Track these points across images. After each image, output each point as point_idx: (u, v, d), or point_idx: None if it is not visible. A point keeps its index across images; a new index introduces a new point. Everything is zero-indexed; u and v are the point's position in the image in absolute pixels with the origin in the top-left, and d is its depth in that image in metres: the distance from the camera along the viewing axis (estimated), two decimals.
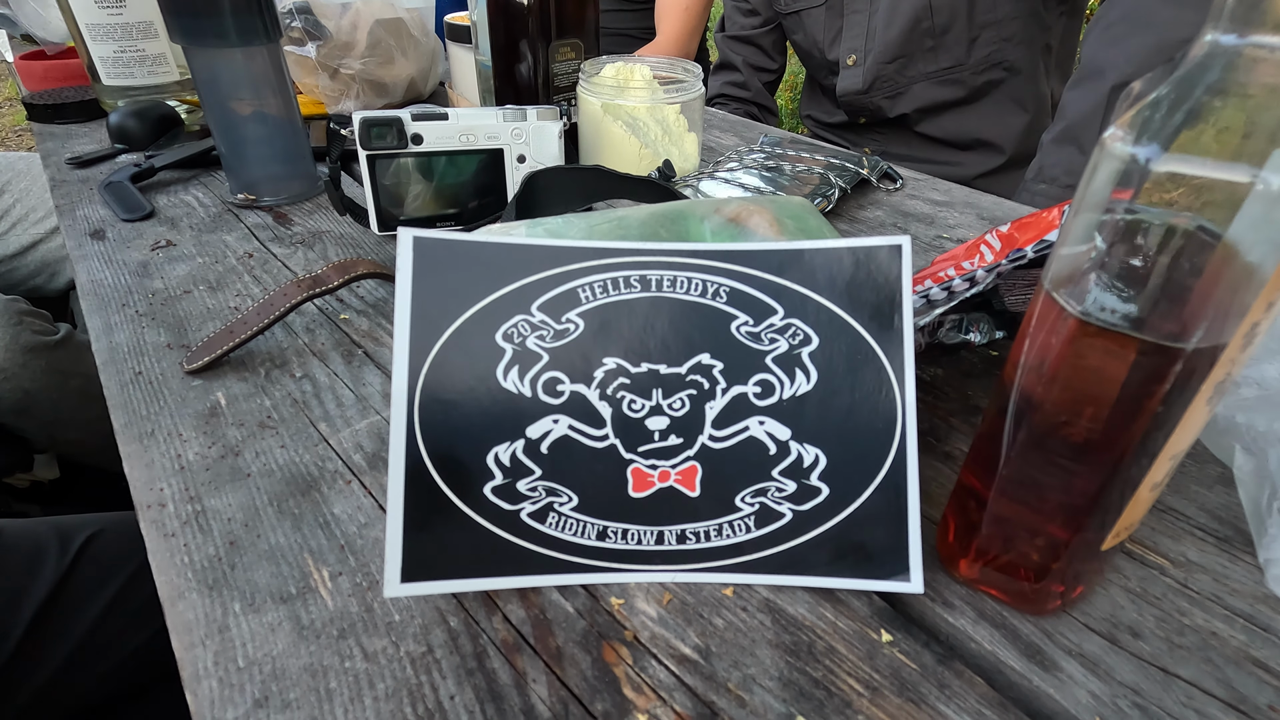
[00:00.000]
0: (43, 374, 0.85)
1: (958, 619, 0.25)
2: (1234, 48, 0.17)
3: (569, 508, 0.26)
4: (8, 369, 0.81)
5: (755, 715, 0.22)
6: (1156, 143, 0.17)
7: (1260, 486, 0.28)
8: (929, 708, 0.22)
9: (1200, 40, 0.18)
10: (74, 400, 0.91)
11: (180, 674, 0.23)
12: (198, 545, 0.27)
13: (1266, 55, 0.17)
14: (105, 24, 0.64)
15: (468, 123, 0.48)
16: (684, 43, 1.36)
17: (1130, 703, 0.23)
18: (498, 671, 0.23)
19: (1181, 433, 0.20)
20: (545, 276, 0.27)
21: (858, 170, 0.59)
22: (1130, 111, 0.19)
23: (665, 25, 1.35)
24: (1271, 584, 0.27)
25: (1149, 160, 0.17)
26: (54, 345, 0.86)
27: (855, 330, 0.26)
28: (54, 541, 0.62)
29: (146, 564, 0.67)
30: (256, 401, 0.35)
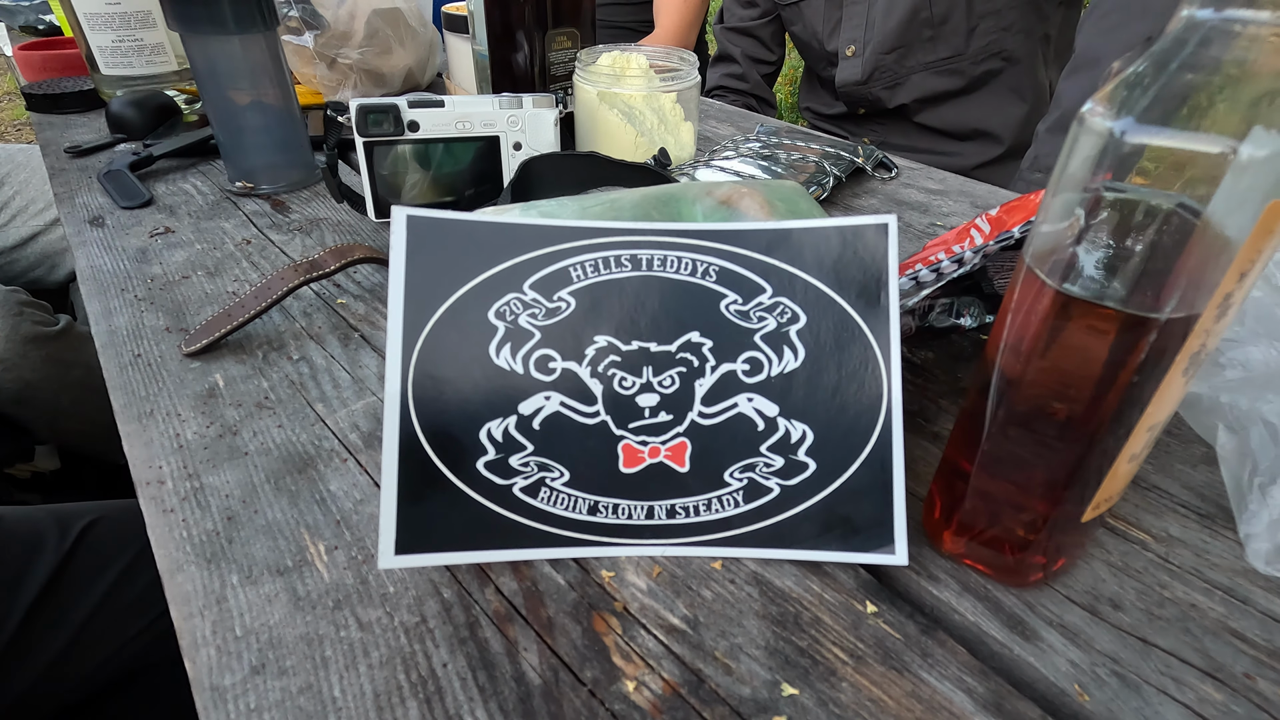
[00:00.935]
0: (43, 364, 0.85)
1: (942, 591, 0.26)
2: (1210, 22, 0.17)
3: (560, 483, 0.26)
4: (8, 359, 0.81)
5: (741, 683, 0.23)
6: (1132, 116, 0.18)
7: (1242, 464, 0.29)
8: (912, 675, 0.23)
9: (1177, 15, 0.18)
10: (75, 391, 0.91)
11: (179, 643, 0.23)
12: (196, 520, 0.28)
13: (1240, 29, 0.17)
14: (103, 14, 0.64)
15: (464, 110, 0.48)
16: (682, 35, 1.36)
17: (1109, 671, 0.23)
18: (490, 641, 0.24)
19: (1158, 404, 0.21)
20: (537, 255, 0.27)
21: (853, 159, 0.59)
22: (1108, 86, 0.19)
23: (664, 18, 1.35)
24: (1251, 558, 0.27)
25: (1125, 134, 0.18)
26: (54, 336, 0.86)
27: (842, 308, 0.27)
28: (53, 529, 0.63)
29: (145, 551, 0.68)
30: (254, 383, 0.35)
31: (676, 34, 1.35)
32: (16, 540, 0.61)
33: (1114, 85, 0.19)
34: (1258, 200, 0.17)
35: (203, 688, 0.22)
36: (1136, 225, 0.18)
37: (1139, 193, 0.18)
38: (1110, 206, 0.19)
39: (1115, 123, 0.18)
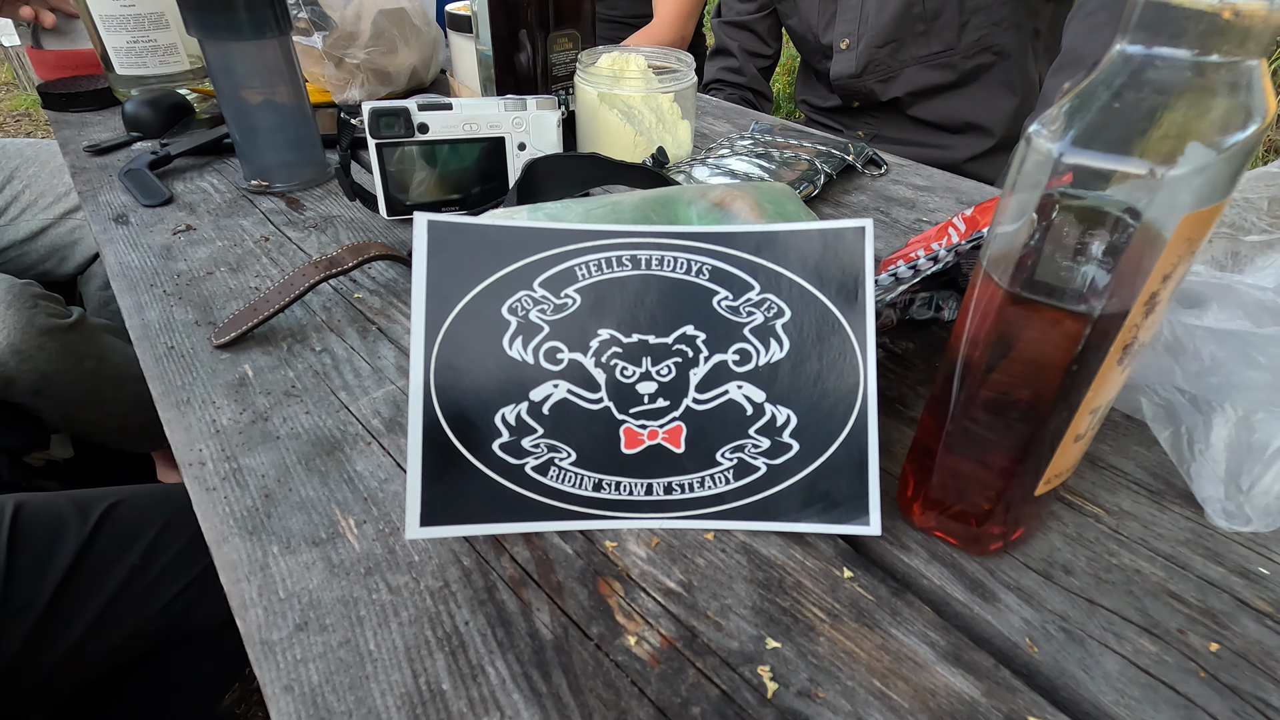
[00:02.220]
0: (58, 356, 0.88)
1: (912, 559, 0.29)
2: (1139, 56, 0.20)
3: (568, 462, 0.29)
4: (24, 350, 0.84)
5: (730, 637, 0.25)
6: (1069, 140, 0.20)
7: (1177, 434, 0.32)
8: (881, 631, 0.26)
9: (1112, 49, 0.21)
10: (88, 381, 0.94)
11: (230, 604, 0.26)
12: (236, 498, 0.30)
13: (1164, 64, 0.19)
14: (118, 15, 0.66)
15: (471, 112, 0.50)
16: (680, 26, 1.37)
17: (1057, 627, 0.26)
18: (506, 602, 0.26)
19: (1097, 390, 0.23)
20: (546, 256, 0.29)
21: (844, 156, 0.61)
22: (1054, 108, 0.22)
23: (662, 9, 1.36)
24: (1213, 518, 0.30)
25: (1062, 155, 0.20)
26: (68, 328, 0.89)
27: (823, 303, 0.29)
28: (74, 514, 0.66)
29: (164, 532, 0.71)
30: (281, 373, 0.38)
31: (674, 25, 1.36)
32: (40, 526, 0.64)
33: (1058, 108, 0.21)
34: (1177, 213, 0.20)
35: (254, 642, 0.25)
36: (1073, 233, 0.21)
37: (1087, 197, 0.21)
38: (1053, 214, 0.21)
39: (1055, 145, 0.20)
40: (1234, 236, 0.39)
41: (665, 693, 0.24)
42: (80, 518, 0.66)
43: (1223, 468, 0.31)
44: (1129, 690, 0.24)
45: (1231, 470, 0.30)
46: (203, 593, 0.70)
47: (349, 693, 0.23)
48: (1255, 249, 0.38)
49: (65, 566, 0.63)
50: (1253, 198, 0.41)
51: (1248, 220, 0.40)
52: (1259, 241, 0.39)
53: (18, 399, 0.89)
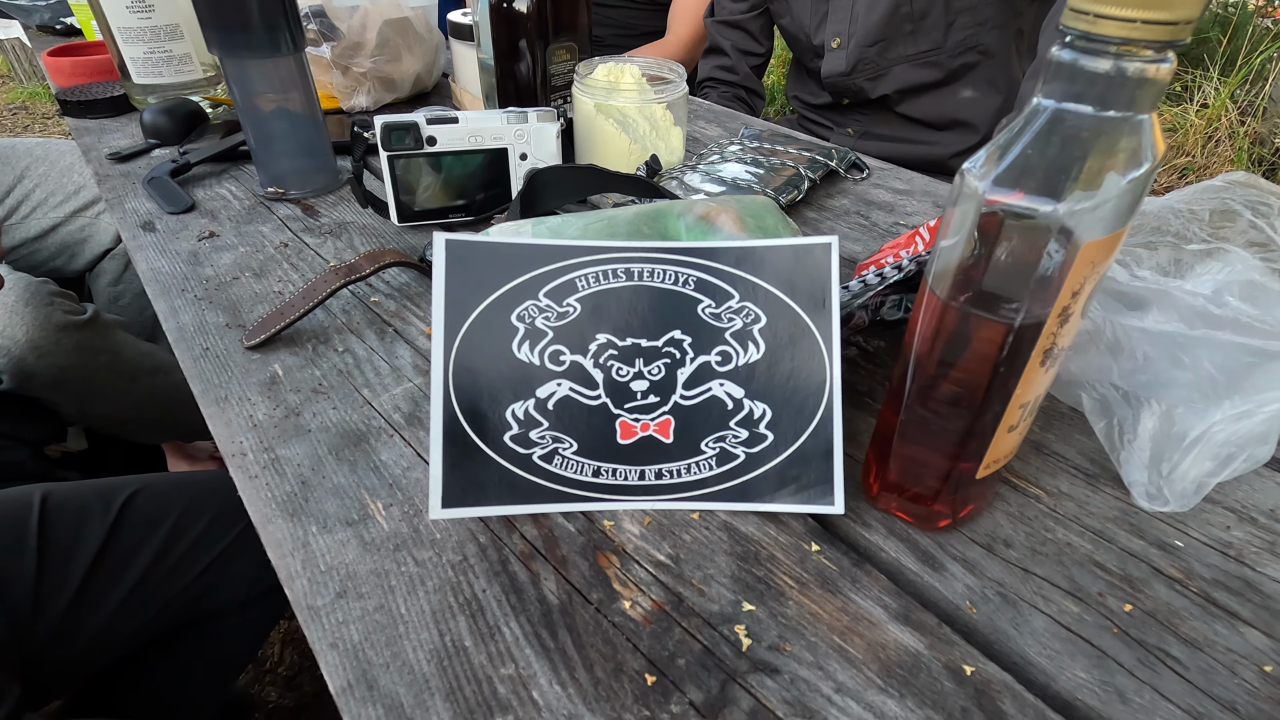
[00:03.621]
0: (74, 351, 0.91)
1: (872, 535, 0.33)
2: (1050, 109, 0.24)
3: (570, 452, 0.33)
4: (43, 346, 0.87)
5: (711, 602, 0.29)
6: (990, 179, 0.24)
7: (1110, 425, 0.36)
8: (842, 596, 0.30)
9: (1030, 102, 0.24)
10: (102, 375, 0.97)
11: (278, 575, 0.30)
12: (277, 484, 0.34)
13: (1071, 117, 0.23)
14: (136, 27, 0.69)
15: (476, 125, 0.54)
16: (691, 47, 1.40)
17: (995, 592, 0.30)
18: (518, 573, 0.30)
19: (1024, 388, 0.27)
20: (549, 269, 0.33)
21: (827, 162, 0.65)
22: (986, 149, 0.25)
23: (677, 27, 1.38)
24: (1137, 499, 0.34)
25: (984, 193, 0.24)
26: (83, 325, 0.92)
27: (794, 311, 0.33)
28: (97, 502, 0.70)
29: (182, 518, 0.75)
30: (308, 372, 0.42)
31: (686, 44, 1.39)
32: (66, 514, 0.68)
33: (988, 148, 0.25)
34: (1080, 242, 0.24)
35: (301, 607, 0.29)
36: (997, 255, 0.25)
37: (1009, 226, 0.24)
38: (981, 239, 0.25)
39: (981, 184, 0.24)
40: (1177, 245, 0.43)
41: (655, 648, 0.28)
42: (104, 506, 0.70)
43: (1147, 455, 0.35)
44: (1051, 644, 0.28)
45: (1155, 457, 0.34)
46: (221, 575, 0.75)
47: (385, 649, 0.28)
48: (1196, 257, 0.42)
49: (93, 552, 0.67)
50: (1196, 209, 0.45)
51: (1190, 230, 0.43)
52: (1199, 250, 0.42)
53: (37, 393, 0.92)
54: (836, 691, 0.26)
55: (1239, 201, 0.45)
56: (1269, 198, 0.45)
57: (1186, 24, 0.21)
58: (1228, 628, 0.29)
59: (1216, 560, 0.32)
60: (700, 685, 0.27)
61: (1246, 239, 0.43)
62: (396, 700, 0.26)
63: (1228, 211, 0.44)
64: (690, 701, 0.26)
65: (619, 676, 0.27)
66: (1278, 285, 0.40)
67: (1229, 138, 2.13)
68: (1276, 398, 0.34)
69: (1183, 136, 2.24)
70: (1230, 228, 0.43)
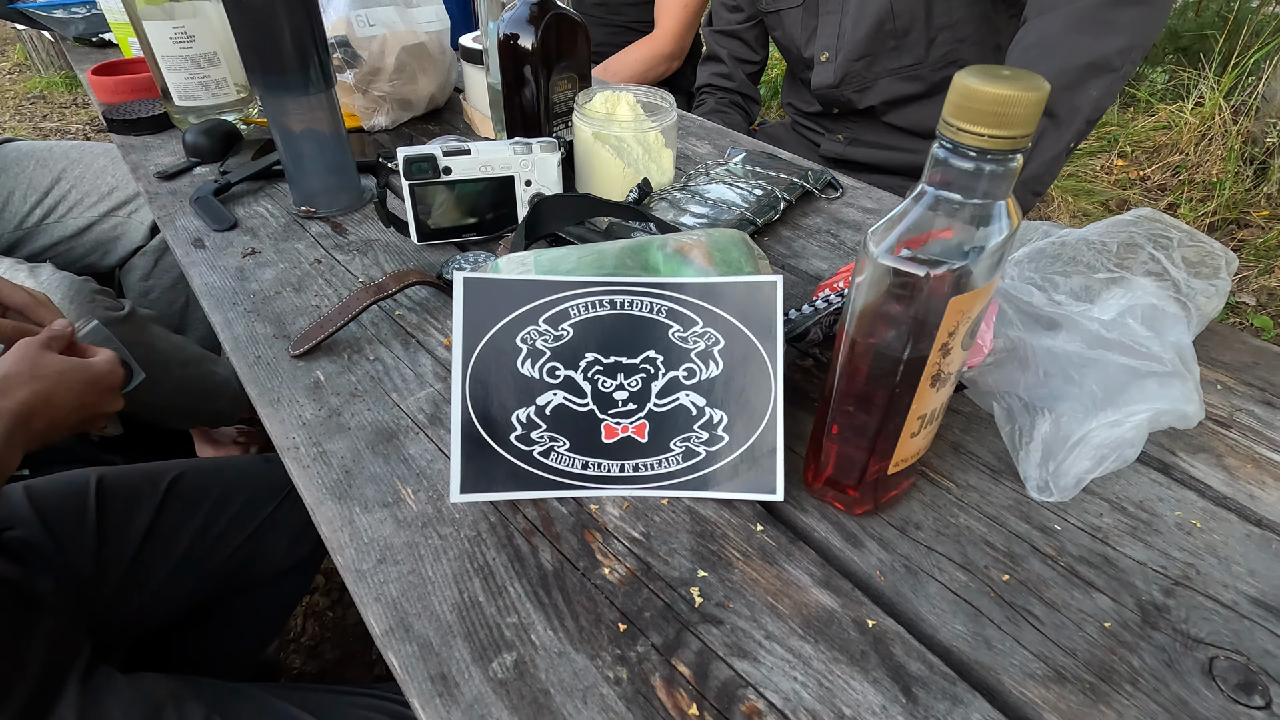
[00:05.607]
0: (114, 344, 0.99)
1: (807, 518, 0.40)
2: (929, 191, 0.31)
3: (564, 449, 0.41)
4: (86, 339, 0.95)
5: (673, 569, 0.37)
6: (884, 246, 0.31)
7: (1013, 428, 0.43)
8: (778, 566, 0.37)
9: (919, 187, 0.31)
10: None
11: (329, 546, 0.38)
12: (324, 473, 0.42)
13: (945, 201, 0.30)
14: (178, 55, 0.77)
15: (486, 156, 0.61)
16: (681, 36, 1.46)
17: (901, 564, 0.38)
18: (520, 545, 0.38)
19: (918, 404, 0.35)
20: (547, 300, 0.41)
21: (804, 184, 0.72)
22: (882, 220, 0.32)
23: (665, 19, 1.44)
24: (1030, 491, 0.42)
25: (879, 257, 0.31)
26: (122, 320, 1.00)
27: (747, 335, 0.40)
28: (146, 484, 0.78)
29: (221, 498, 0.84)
30: (345, 378, 0.49)
31: (675, 35, 1.45)
32: (119, 494, 0.77)
33: (887, 218, 0.32)
34: (948, 297, 0.31)
35: (349, 571, 0.37)
36: (889, 303, 0.32)
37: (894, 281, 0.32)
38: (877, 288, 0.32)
39: (876, 248, 0.31)
40: (1088, 274, 0.50)
41: (627, 604, 0.36)
42: (152, 487, 0.79)
43: (1039, 455, 0.42)
44: (940, 605, 0.36)
45: (1044, 457, 0.42)
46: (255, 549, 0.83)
47: (417, 602, 0.35)
48: (1103, 284, 0.49)
49: (144, 527, 0.76)
50: (1107, 242, 0.52)
51: (1099, 261, 0.50)
52: (1106, 279, 0.49)
53: None
54: (766, 638, 0.34)
55: (1143, 235, 0.52)
56: (1171, 231, 0.52)
57: (1024, 137, 0.28)
58: (1083, 594, 0.36)
59: (1085, 541, 0.39)
60: (660, 632, 0.34)
61: (1145, 269, 0.50)
62: (427, 640, 0.34)
63: (1133, 244, 0.51)
64: (652, 644, 0.34)
65: (598, 625, 0.35)
66: (1174, 309, 0.47)
67: (1221, 137, 2.17)
68: (1143, 409, 0.41)
69: (1177, 134, 2.28)
70: (1133, 259, 0.50)
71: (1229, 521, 0.40)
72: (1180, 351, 0.44)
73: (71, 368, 0.58)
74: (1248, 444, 0.45)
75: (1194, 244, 0.51)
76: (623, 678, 0.33)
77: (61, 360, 0.58)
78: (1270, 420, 0.47)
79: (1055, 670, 0.33)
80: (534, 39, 0.68)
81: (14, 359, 0.56)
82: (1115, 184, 2.23)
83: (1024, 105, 0.28)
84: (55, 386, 0.56)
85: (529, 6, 0.67)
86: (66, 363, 0.58)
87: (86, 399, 0.58)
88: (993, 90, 0.28)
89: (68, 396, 0.56)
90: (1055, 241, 0.52)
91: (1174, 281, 0.48)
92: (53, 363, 0.57)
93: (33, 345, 0.58)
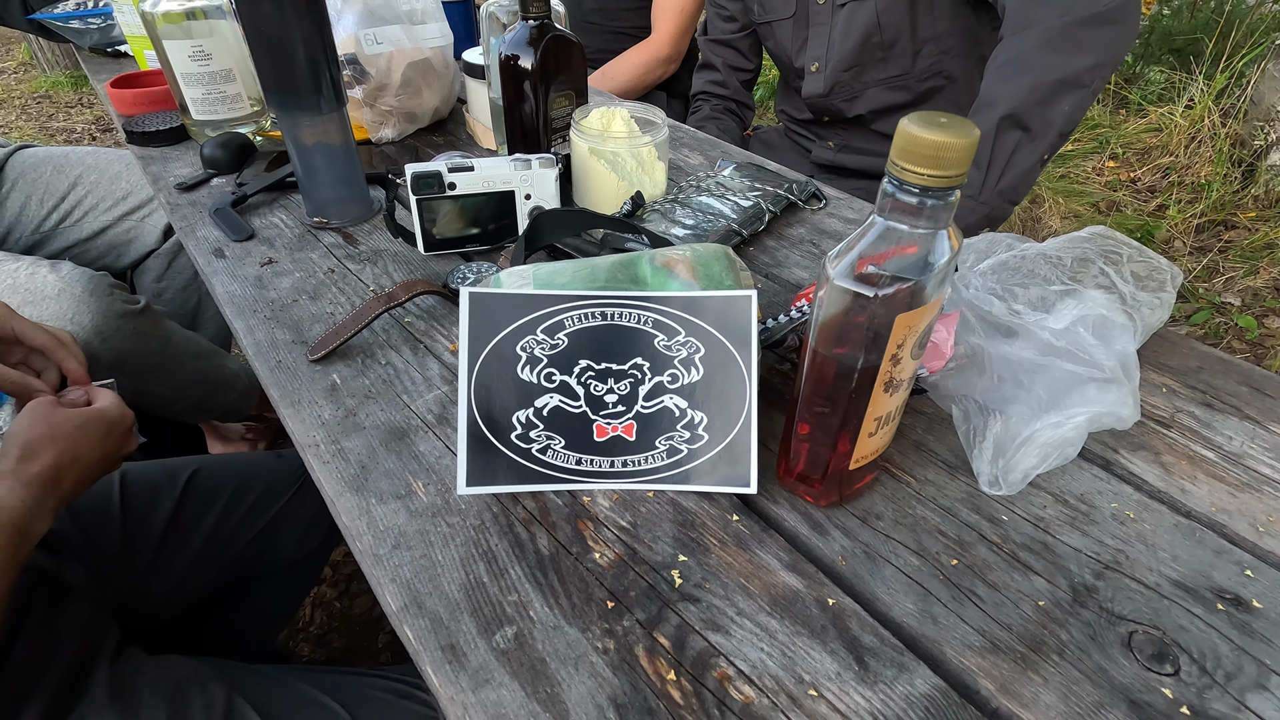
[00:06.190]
0: (131, 336, 1.03)
1: (778, 509, 0.45)
2: (882, 223, 0.35)
3: (559, 446, 0.45)
4: (105, 331, 0.99)
5: (656, 554, 0.42)
6: (839, 268, 0.35)
7: (968, 426, 0.48)
8: (751, 552, 0.42)
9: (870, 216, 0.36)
10: (154, 359, 1.09)
11: (347, 533, 0.42)
12: (343, 468, 0.47)
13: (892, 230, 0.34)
14: (196, 73, 0.81)
15: (488, 172, 0.65)
16: (677, 41, 1.50)
17: (861, 550, 0.42)
18: (520, 533, 0.43)
19: (874, 407, 0.39)
20: (545, 312, 0.45)
21: (788, 196, 0.76)
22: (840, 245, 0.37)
23: (661, 24, 1.48)
24: (982, 486, 0.46)
25: (834, 278, 0.35)
26: (138, 313, 1.04)
27: (725, 344, 0.45)
28: (165, 479, 0.83)
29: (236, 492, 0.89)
30: (360, 381, 0.54)
31: (671, 39, 1.49)
32: (141, 488, 0.81)
33: (842, 244, 0.36)
34: (895, 314, 0.35)
35: (367, 555, 0.41)
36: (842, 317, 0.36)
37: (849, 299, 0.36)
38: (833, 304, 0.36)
39: (831, 270, 0.36)
40: (1045, 286, 0.54)
41: (615, 584, 0.40)
42: (171, 482, 0.83)
43: (991, 452, 0.46)
44: (894, 586, 0.40)
45: (996, 454, 0.46)
46: (268, 541, 0.88)
47: (428, 583, 0.40)
48: (1058, 296, 0.53)
49: (165, 520, 0.80)
50: (1063, 256, 0.56)
51: (1054, 274, 0.55)
52: (1060, 290, 0.54)
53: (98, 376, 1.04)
54: (737, 615, 0.39)
55: (1095, 251, 0.56)
56: (1121, 248, 0.56)
57: (959, 175, 0.33)
58: (1022, 576, 0.41)
59: (1028, 530, 0.43)
60: (644, 609, 0.39)
61: (1096, 283, 0.54)
62: (438, 616, 0.38)
63: (1085, 259, 0.55)
64: (637, 619, 0.38)
65: (589, 602, 0.39)
66: (1122, 319, 0.51)
67: (1211, 139, 2.20)
68: (1083, 411, 0.45)
69: (1167, 136, 2.31)
70: (1085, 273, 0.54)
71: (1160, 513, 0.45)
72: (1123, 359, 0.49)
73: (88, 419, 0.58)
74: (1185, 443, 0.50)
75: (1142, 259, 0.55)
76: (610, 648, 0.37)
77: (76, 414, 0.58)
78: (1208, 421, 0.51)
79: (992, 642, 0.37)
80: (533, 59, 0.72)
81: (30, 421, 0.55)
82: (1106, 185, 2.27)
83: (957, 150, 0.32)
84: (78, 442, 0.56)
85: (529, 29, 0.71)
86: (81, 415, 0.58)
87: (107, 448, 0.59)
88: (931, 137, 0.32)
89: (90, 450, 0.57)
90: (1016, 255, 0.57)
91: (1121, 294, 0.53)
92: (69, 418, 0.57)
93: (44, 404, 0.57)
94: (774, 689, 0.35)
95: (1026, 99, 0.83)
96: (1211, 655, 0.37)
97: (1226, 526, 0.44)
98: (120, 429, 0.61)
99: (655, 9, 1.48)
